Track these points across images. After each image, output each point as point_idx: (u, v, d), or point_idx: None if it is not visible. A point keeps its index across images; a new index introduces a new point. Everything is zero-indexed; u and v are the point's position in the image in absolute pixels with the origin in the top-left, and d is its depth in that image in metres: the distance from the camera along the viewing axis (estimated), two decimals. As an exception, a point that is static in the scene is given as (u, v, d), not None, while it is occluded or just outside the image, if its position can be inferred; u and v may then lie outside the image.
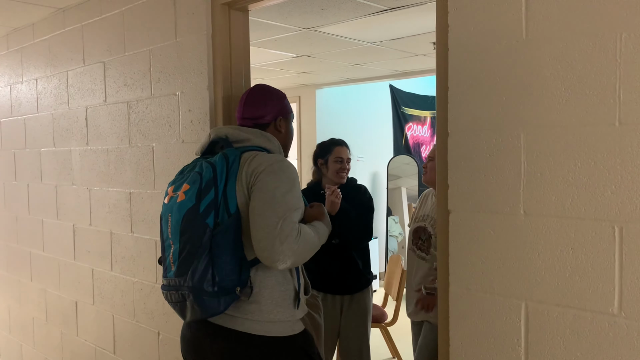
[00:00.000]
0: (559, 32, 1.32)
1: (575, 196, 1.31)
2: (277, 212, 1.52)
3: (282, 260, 1.51)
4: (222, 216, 1.56)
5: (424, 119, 7.32)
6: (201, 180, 1.57)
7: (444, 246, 1.55)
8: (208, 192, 1.55)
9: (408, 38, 3.75)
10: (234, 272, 1.55)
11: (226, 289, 1.54)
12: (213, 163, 1.60)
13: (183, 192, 1.59)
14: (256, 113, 1.79)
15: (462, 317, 1.51)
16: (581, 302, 1.31)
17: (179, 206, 1.59)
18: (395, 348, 3.95)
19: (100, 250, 2.83)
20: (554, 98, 1.33)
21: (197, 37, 2.23)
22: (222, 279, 1.53)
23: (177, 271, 1.59)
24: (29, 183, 3.42)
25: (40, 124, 3.28)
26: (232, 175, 1.59)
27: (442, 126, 1.54)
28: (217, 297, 1.54)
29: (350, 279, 2.87)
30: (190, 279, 1.55)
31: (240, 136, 1.71)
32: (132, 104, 2.57)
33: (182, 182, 1.63)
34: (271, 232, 1.50)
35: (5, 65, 3.61)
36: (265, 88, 1.86)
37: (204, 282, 1.53)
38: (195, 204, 1.55)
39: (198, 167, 1.63)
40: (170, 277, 1.62)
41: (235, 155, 1.63)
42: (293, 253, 1.52)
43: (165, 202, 1.68)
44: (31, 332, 3.51)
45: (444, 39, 1.52)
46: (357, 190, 2.92)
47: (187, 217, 1.56)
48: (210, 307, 1.55)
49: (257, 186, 1.56)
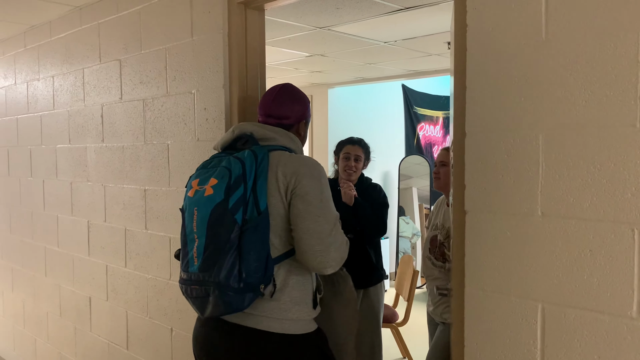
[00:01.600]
0: (579, 32, 1.31)
1: (594, 198, 1.30)
2: (328, 220, 1.61)
3: (334, 266, 1.60)
4: (251, 213, 1.56)
5: (436, 119, 7.30)
6: (230, 175, 1.56)
7: (460, 247, 1.54)
8: (237, 188, 1.55)
9: (422, 38, 3.74)
10: (260, 269, 1.56)
11: (252, 286, 1.55)
12: (242, 159, 1.59)
13: (211, 187, 1.58)
14: (284, 112, 1.79)
15: (477, 318, 1.51)
16: (599, 305, 1.30)
17: (207, 200, 1.58)
18: (406, 348, 3.94)
19: (115, 247, 2.85)
20: (574, 99, 1.32)
21: (213, 35, 2.24)
22: (248, 276, 1.54)
23: (201, 266, 1.58)
24: (44, 179, 3.46)
25: (56, 121, 3.31)
26: (261, 173, 1.60)
27: (459, 126, 1.53)
28: (242, 294, 1.54)
29: (364, 274, 2.90)
30: (216, 274, 1.54)
31: (265, 134, 1.71)
32: (148, 101, 2.59)
33: (209, 176, 1.61)
34: (325, 239, 1.58)
35: (23, 63, 3.65)
36: (295, 89, 1.86)
37: (230, 278, 1.53)
38: (224, 199, 1.55)
39: (225, 162, 1.62)
40: (192, 272, 1.61)
41: (264, 153, 1.63)
42: (342, 260, 1.63)
43: (189, 196, 1.66)
44: (45, 326, 3.55)
45: (462, 39, 1.51)
46: (372, 188, 2.96)
47: (215, 212, 1.56)
48: (235, 303, 1.55)
49: (302, 191, 1.60)
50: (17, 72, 3.73)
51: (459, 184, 1.54)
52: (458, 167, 1.54)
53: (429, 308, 2.59)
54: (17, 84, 3.74)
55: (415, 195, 6.74)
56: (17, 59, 3.72)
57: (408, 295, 3.90)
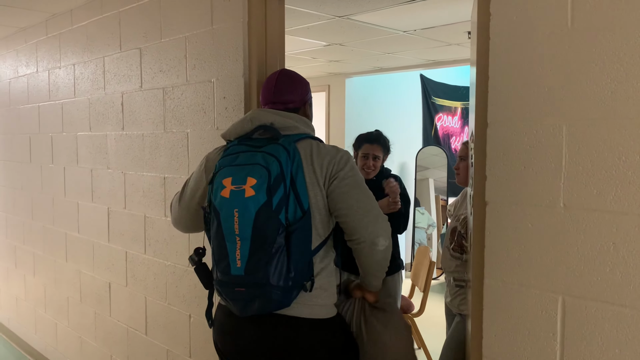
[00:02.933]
0: (606, 21, 1.28)
1: (618, 190, 1.28)
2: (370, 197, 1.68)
3: (384, 236, 1.65)
4: (295, 213, 1.57)
5: (454, 110, 7.24)
6: (269, 175, 1.53)
7: (480, 238, 1.53)
8: (278, 188, 1.54)
9: (441, 27, 3.70)
10: (307, 266, 1.62)
11: (299, 283, 1.59)
12: (277, 157, 1.57)
13: (250, 187, 1.53)
14: (287, 97, 1.79)
15: (496, 310, 1.50)
16: (621, 298, 1.28)
17: (250, 202, 1.53)
18: (421, 339, 3.94)
19: (134, 234, 2.89)
20: (599, 90, 1.30)
21: (233, 24, 2.24)
22: (297, 274, 1.57)
23: (247, 268, 1.55)
24: (65, 166, 3.51)
25: (77, 109, 3.35)
26: (297, 170, 1.60)
27: (480, 117, 1.52)
28: (290, 291, 1.57)
29: None
30: (265, 276, 1.53)
31: (286, 123, 1.70)
32: (168, 90, 2.61)
33: (245, 175, 1.55)
34: (372, 211, 1.65)
35: (44, 51, 3.69)
36: (292, 73, 1.86)
37: (281, 279, 1.54)
38: (268, 200, 1.52)
39: (260, 159, 1.57)
40: (235, 274, 1.57)
41: (293, 147, 1.63)
42: (389, 231, 1.67)
43: (223, 196, 1.57)
44: (66, 311, 3.62)
45: (485, 28, 1.49)
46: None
47: (260, 214, 1.52)
48: (283, 300, 1.58)
49: (344, 174, 1.64)
50: (39, 60, 3.77)
51: (480, 175, 1.53)
52: (479, 158, 1.53)
53: (446, 299, 2.59)
54: (38, 71, 3.79)
55: (432, 187, 6.71)
56: (39, 47, 3.77)
57: (424, 286, 3.89)
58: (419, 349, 4.14)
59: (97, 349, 3.31)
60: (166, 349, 2.72)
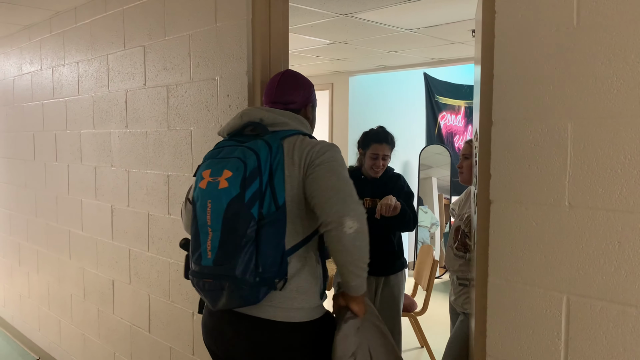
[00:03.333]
0: (612, 19, 1.28)
1: (624, 189, 1.27)
2: (347, 182, 1.59)
3: (353, 217, 1.51)
4: (269, 207, 1.54)
5: (458, 109, 7.22)
6: (245, 168, 1.53)
7: (484, 237, 1.53)
8: (252, 182, 1.52)
9: (446, 25, 3.69)
10: (277, 263, 1.56)
11: (267, 280, 1.54)
12: (256, 151, 1.56)
13: (225, 179, 1.54)
14: (288, 97, 1.77)
15: (500, 309, 1.50)
16: (626, 298, 1.28)
17: (222, 193, 1.54)
18: (424, 337, 3.94)
19: (138, 231, 2.89)
20: (605, 88, 1.29)
21: (237, 22, 2.24)
22: (265, 270, 1.53)
23: (216, 259, 1.55)
24: (69, 164, 3.52)
25: (81, 106, 3.35)
26: (277, 165, 1.57)
27: (485, 115, 1.51)
28: (257, 287, 1.53)
29: (386, 261, 2.93)
30: (232, 269, 1.52)
31: (276, 119, 1.67)
32: (172, 88, 2.61)
33: (222, 167, 1.57)
34: (342, 190, 1.55)
35: (48, 48, 3.70)
36: (297, 74, 1.85)
37: (247, 273, 1.51)
38: (240, 192, 1.51)
39: (238, 152, 1.57)
40: (205, 265, 1.58)
41: (278, 143, 1.60)
42: (362, 214, 1.54)
43: (200, 187, 1.61)
44: (69, 308, 3.63)
45: (490, 26, 1.49)
46: (396, 178, 2.96)
47: (231, 206, 1.52)
48: (250, 297, 1.55)
49: (321, 160, 1.58)
50: (43, 58, 3.78)
51: (484, 173, 1.52)
52: (484, 157, 1.52)
53: (450, 298, 2.58)
54: (42, 69, 3.80)
55: (435, 185, 6.70)
56: (42, 44, 3.77)
57: (427, 285, 3.89)
58: (422, 348, 4.14)
59: (100, 346, 3.32)
60: (169, 346, 2.72)
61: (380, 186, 2.85)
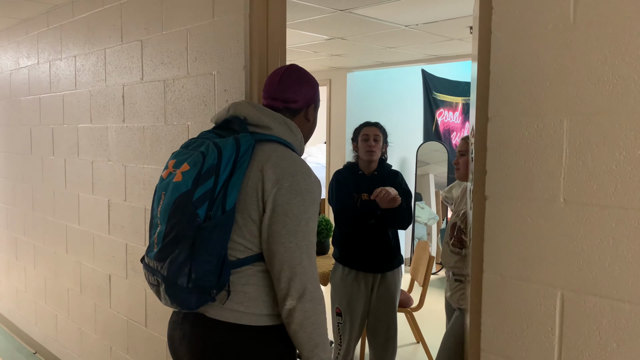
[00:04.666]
0: (608, 16, 1.28)
1: (618, 185, 1.28)
2: (301, 246, 1.46)
3: (294, 297, 1.43)
4: (216, 211, 1.42)
5: (455, 105, 7.23)
6: (203, 164, 1.43)
7: (479, 232, 1.54)
8: (206, 180, 1.42)
9: (444, 22, 3.69)
10: (213, 273, 1.44)
11: (201, 289, 1.43)
12: (221, 148, 1.44)
13: (181, 173, 1.46)
14: (290, 95, 1.64)
15: (495, 304, 1.51)
16: (620, 293, 1.29)
17: (174, 187, 1.46)
18: (420, 333, 3.96)
19: (135, 226, 2.89)
20: (601, 84, 1.30)
21: (234, 16, 2.24)
22: (198, 278, 1.42)
23: (157, 255, 1.48)
24: (66, 158, 3.51)
25: (78, 101, 3.35)
26: (240, 167, 1.45)
27: (481, 111, 1.52)
28: (190, 294, 1.43)
29: (383, 258, 2.94)
30: (166, 268, 1.44)
31: (260, 121, 1.55)
32: (169, 82, 2.60)
33: (184, 160, 1.49)
34: (294, 267, 1.44)
35: (45, 42, 3.69)
36: (302, 70, 1.71)
37: (178, 276, 1.42)
38: (190, 189, 1.42)
39: (204, 147, 1.48)
40: (150, 258, 1.52)
41: (249, 144, 1.47)
42: (305, 293, 1.44)
43: (162, 177, 1.54)
44: (66, 302, 3.63)
45: (487, 21, 1.49)
46: (394, 175, 2.97)
47: (178, 202, 1.43)
48: (182, 301, 1.47)
49: (281, 208, 1.45)
50: (40, 52, 3.77)
51: (480, 169, 1.53)
52: (479, 153, 1.53)
53: (446, 294, 2.60)
54: (39, 63, 3.79)
55: (432, 182, 6.71)
56: (40, 38, 3.76)
57: (423, 281, 3.91)
58: (417, 343, 4.16)
59: (97, 341, 3.32)
60: (166, 340, 2.73)
61: (378, 182, 2.86)
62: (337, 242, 3.04)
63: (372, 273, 2.94)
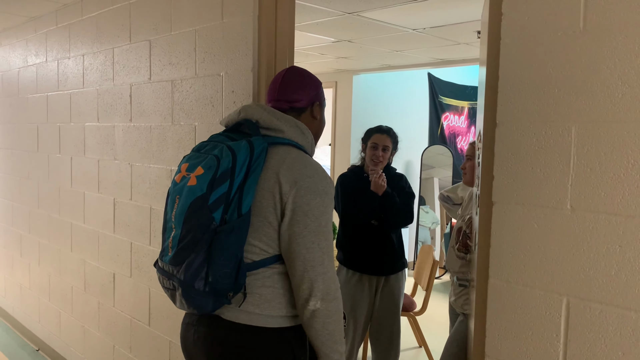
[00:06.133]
0: (618, 24, 1.28)
1: (626, 193, 1.28)
2: (322, 247, 1.48)
3: (319, 297, 1.46)
4: (232, 214, 1.44)
5: (461, 109, 7.22)
6: (218, 167, 1.44)
7: (486, 238, 1.54)
8: (222, 184, 1.43)
9: (451, 26, 3.69)
10: (230, 275, 1.45)
11: (218, 292, 1.45)
12: (235, 151, 1.45)
13: (195, 176, 1.46)
14: (293, 95, 1.67)
15: (500, 310, 1.51)
16: (626, 302, 1.28)
17: (189, 191, 1.46)
18: (422, 337, 3.95)
19: (140, 225, 2.90)
20: (610, 92, 1.29)
21: (243, 18, 2.25)
22: (215, 281, 1.44)
23: (173, 259, 1.49)
24: (72, 156, 3.53)
25: (85, 99, 3.36)
26: (255, 170, 1.46)
27: (490, 116, 1.52)
28: (207, 297, 1.45)
29: (387, 261, 2.94)
30: (183, 272, 1.45)
31: (273, 124, 1.57)
32: (177, 82, 2.61)
33: (197, 163, 1.50)
34: (316, 267, 1.46)
35: (54, 41, 3.70)
36: (302, 70, 1.75)
37: (195, 280, 1.44)
38: (206, 193, 1.43)
39: (218, 150, 1.49)
40: (165, 262, 1.53)
41: (262, 147, 1.49)
42: (328, 293, 1.47)
43: (175, 180, 1.56)
44: (70, 300, 3.64)
45: (497, 27, 1.49)
46: (398, 178, 2.98)
47: (194, 206, 1.44)
48: (199, 304, 1.48)
49: (302, 209, 1.47)
50: (49, 50, 3.78)
51: (487, 174, 1.53)
52: (487, 158, 1.53)
53: (450, 298, 2.59)
54: (48, 61, 3.80)
55: (437, 186, 6.70)
56: (48, 36, 3.78)
57: (427, 285, 3.90)
58: (420, 348, 4.15)
59: (100, 339, 3.33)
60: (169, 340, 2.73)
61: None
62: (340, 245, 3.04)
63: (376, 276, 2.94)
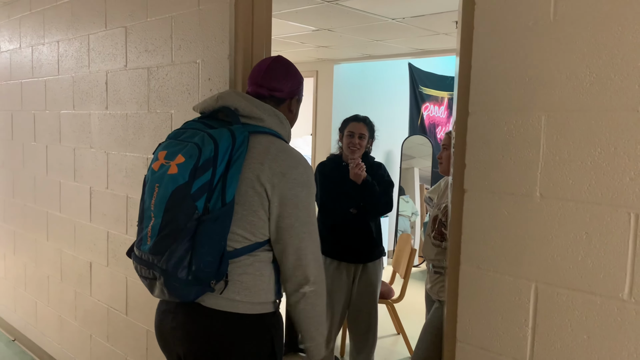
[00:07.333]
0: (587, 14, 1.30)
1: (593, 181, 1.31)
2: (312, 235, 1.56)
3: (313, 282, 1.54)
4: (215, 203, 1.43)
5: (441, 100, 7.26)
6: (199, 156, 1.42)
7: (457, 225, 1.56)
8: (204, 172, 1.42)
9: (430, 16, 3.71)
10: (213, 264, 1.45)
11: (201, 280, 1.45)
12: (216, 140, 1.44)
13: (176, 165, 1.45)
14: (276, 84, 1.67)
15: (471, 295, 1.53)
16: (591, 287, 1.32)
17: (170, 179, 1.45)
18: (400, 324, 4.00)
19: (116, 214, 2.88)
20: (579, 81, 1.32)
21: (219, 5, 2.23)
22: (198, 269, 1.43)
23: (152, 248, 1.48)
24: (47, 144, 3.47)
25: (61, 87, 3.31)
26: (237, 159, 1.45)
27: (462, 105, 1.53)
28: (189, 286, 1.45)
29: (365, 249, 2.97)
30: (165, 261, 1.44)
31: (253, 113, 1.56)
32: (153, 70, 2.59)
33: (177, 151, 1.48)
34: (308, 255, 1.54)
35: (28, 27, 3.63)
36: (289, 63, 1.75)
37: (178, 269, 1.43)
38: (188, 182, 1.42)
39: (198, 138, 1.47)
40: (144, 251, 1.51)
41: (244, 136, 1.48)
42: (321, 274, 1.58)
43: (153, 168, 1.53)
44: (46, 290, 3.60)
45: (470, 16, 1.50)
46: (377, 167, 3.00)
47: (175, 194, 1.43)
48: (181, 293, 1.48)
49: (292, 201, 1.51)
50: (22, 36, 3.71)
51: (459, 162, 1.55)
52: (459, 146, 1.55)
53: (426, 286, 2.63)
54: (22, 47, 3.73)
55: (417, 176, 6.75)
56: (22, 22, 3.70)
57: (404, 273, 3.94)
58: (398, 335, 4.20)
59: (77, 328, 3.31)
60: (146, 329, 2.73)
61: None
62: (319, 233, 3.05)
63: (354, 264, 2.96)
